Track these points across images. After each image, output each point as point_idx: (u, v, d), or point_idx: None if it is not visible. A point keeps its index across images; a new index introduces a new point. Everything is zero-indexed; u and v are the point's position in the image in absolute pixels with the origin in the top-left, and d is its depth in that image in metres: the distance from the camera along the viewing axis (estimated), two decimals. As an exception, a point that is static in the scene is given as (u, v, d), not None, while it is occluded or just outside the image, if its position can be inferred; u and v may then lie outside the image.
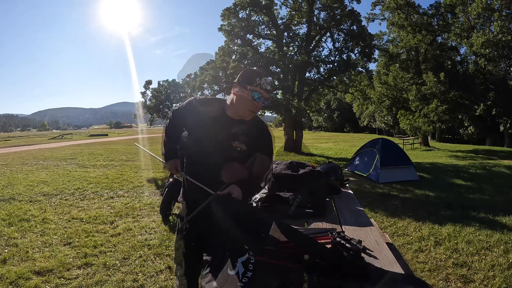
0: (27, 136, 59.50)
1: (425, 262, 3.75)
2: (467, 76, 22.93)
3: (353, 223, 2.18)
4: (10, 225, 4.83)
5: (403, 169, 9.05)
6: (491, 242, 4.29)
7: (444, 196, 7.23)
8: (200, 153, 1.88)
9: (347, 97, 25.66)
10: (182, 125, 2.03)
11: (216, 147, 1.80)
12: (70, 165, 11.73)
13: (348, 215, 2.39)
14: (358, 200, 3.02)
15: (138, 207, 5.85)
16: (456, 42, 23.74)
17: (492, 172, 11.01)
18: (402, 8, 22.35)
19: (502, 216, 5.49)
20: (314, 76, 17.26)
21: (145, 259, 3.69)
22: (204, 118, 1.82)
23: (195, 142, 1.89)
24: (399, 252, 3.51)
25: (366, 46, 16.26)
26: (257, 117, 1.92)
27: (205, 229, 1.81)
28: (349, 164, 10.78)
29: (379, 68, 25.18)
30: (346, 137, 40.95)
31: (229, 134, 1.79)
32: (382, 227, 5.01)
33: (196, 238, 2.03)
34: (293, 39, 17.30)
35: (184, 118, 1.95)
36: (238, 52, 15.35)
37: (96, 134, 53.16)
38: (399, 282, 1.24)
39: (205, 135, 1.82)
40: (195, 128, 1.89)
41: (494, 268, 3.52)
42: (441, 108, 20.15)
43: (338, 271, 1.29)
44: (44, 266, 3.41)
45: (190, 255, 2.08)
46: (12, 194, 6.91)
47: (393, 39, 24.89)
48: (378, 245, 1.75)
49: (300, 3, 16.62)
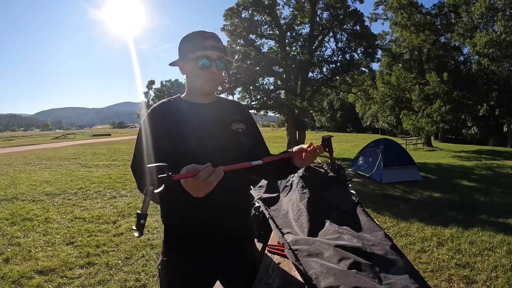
0: (30, 136, 59.74)
1: (427, 262, 3.74)
2: (470, 76, 22.84)
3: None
4: (13, 224, 4.85)
5: (406, 169, 9.03)
6: (494, 243, 4.27)
7: (447, 196, 7.20)
8: (202, 154, 1.27)
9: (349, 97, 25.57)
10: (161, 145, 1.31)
11: (218, 140, 1.35)
12: (73, 165, 11.77)
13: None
14: (362, 201, 3.01)
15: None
16: (459, 42, 23.67)
17: (497, 172, 10.96)
18: (405, 8, 22.28)
19: (505, 217, 5.47)
20: (317, 76, 17.25)
21: (148, 259, 3.69)
22: (184, 120, 1.35)
23: (192, 148, 1.32)
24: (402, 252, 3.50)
25: (369, 46, 16.22)
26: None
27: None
28: (352, 164, 10.76)
29: (382, 68, 25.13)
30: (348, 137, 40.90)
31: (220, 118, 1.41)
32: (385, 227, 4.99)
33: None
34: (296, 39, 17.28)
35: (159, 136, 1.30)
36: (241, 52, 15.35)
37: (99, 134, 53.31)
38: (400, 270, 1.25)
39: (198, 135, 1.33)
40: (181, 136, 1.31)
41: (497, 269, 3.51)
42: (444, 108, 20.07)
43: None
44: (46, 266, 3.42)
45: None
46: (15, 193, 6.94)
47: (396, 39, 24.83)
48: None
49: (303, 3, 16.60)
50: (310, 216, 1.75)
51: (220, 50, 1.34)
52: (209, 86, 1.36)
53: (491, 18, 20.99)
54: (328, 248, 1.36)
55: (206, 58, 1.31)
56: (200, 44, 1.31)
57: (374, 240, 1.46)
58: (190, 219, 1.32)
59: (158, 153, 1.26)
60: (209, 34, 1.34)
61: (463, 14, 22.13)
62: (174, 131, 1.30)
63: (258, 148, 1.52)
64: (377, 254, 1.32)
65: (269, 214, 1.94)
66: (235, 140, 1.41)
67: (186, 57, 1.34)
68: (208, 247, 1.36)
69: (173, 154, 1.26)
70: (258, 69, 15.46)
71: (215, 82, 1.37)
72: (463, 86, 20.82)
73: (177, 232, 1.38)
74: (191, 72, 1.36)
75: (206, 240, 1.35)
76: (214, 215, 1.31)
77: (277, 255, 1.60)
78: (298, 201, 1.92)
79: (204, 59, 1.30)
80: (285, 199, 2.13)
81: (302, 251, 1.39)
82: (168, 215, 1.38)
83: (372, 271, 1.21)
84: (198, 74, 1.34)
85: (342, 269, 1.20)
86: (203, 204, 1.13)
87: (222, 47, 1.37)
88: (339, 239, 1.46)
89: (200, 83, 1.36)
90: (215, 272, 1.43)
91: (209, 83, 1.35)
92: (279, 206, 2.09)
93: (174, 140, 1.29)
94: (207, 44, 1.31)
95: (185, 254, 1.36)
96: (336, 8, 16.01)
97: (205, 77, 1.33)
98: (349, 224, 1.66)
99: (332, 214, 1.80)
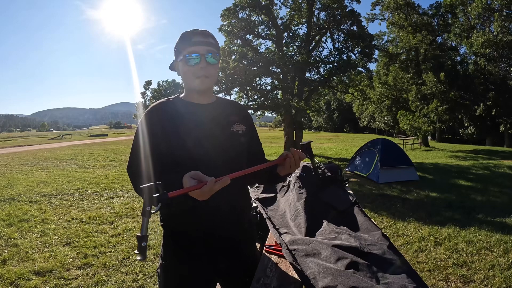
0: (27, 136, 59.50)
1: (425, 262, 3.75)
2: (467, 76, 22.93)
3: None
4: (10, 225, 4.83)
5: (403, 169, 9.05)
6: (491, 242, 4.29)
7: (444, 196, 7.22)
8: (200, 154, 1.29)
9: (347, 97, 25.65)
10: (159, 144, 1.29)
11: (215, 141, 1.33)
12: (70, 165, 11.73)
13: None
14: (359, 201, 3.01)
15: (138, 208, 5.85)
16: (456, 42, 23.77)
17: (494, 172, 11.01)
18: (402, 8, 22.35)
19: (502, 216, 5.49)
20: (314, 76, 17.25)
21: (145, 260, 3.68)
22: (181, 119, 1.32)
23: (189, 148, 1.29)
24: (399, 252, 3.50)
25: (366, 46, 16.25)
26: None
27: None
28: (349, 164, 10.78)
29: (379, 68, 25.19)
30: (346, 137, 40.98)
31: (218, 119, 1.38)
32: (382, 227, 5.00)
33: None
34: (293, 39, 17.29)
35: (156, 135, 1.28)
36: (238, 53, 15.34)
37: (96, 135, 53.15)
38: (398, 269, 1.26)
39: (195, 135, 1.30)
40: (178, 136, 1.28)
41: (494, 268, 3.52)
42: (441, 108, 20.15)
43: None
44: (44, 267, 3.41)
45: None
46: (12, 194, 6.91)
47: (393, 39, 24.89)
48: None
49: (300, 3, 16.61)
50: (308, 216, 1.76)
51: (209, 45, 1.31)
52: (199, 82, 1.32)
53: (487, 18, 21.08)
54: (326, 248, 1.36)
55: (194, 53, 1.28)
56: (188, 40, 1.30)
57: (371, 240, 1.47)
58: (190, 221, 1.31)
59: (154, 153, 1.25)
60: (197, 31, 1.32)
61: (460, 15, 22.23)
62: (170, 131, 1.28)
63: (254, 148, 1.52)
64: (375, 253, 1.33)
65: (267, 214, 1.94)
66: (235, 141, 1.39)
67: (178, 58, 1.34)
68: (208, 249, 1.35)
69: (170, 154, 1.25)
70: (255, 69, 15.46)
71: (206, 78, 1.33)
72: (460, 86, 20.92)
73: (176, 235, 1.37)
74: (182, 71, 1.34)
75: (206, 241, 1.34)
76: (214, 216, 1.30)
77: (275, 255, 1.60)
78: (296, 201, 1.93)
79: (192, 55, 1.28)
80: (283, 199, 2.13)
81: (300, 251, 1.39)
82: (168, 218, 1.37)
83: (369, 270, 1.21)
84: (188, 71, 1.32)
85: (339, 269, 1.20)
86: (203, 206, 1.12)
87: (213, 42, 1.34)
88: (337, 239, 1.46)
89: (191, 80, 1.33)
90: (215, 274, 1.42)
91: (199, 79, 1.32)
92: (276, 206, 2.09)
93: (170, 140, 1.27)
94: (194, 39, 1.29)
95: (185, 257, 1.35)
96: (333, 8, 16.03)
97: (195, 73, 1.31)
98: (347, 224, 1.66)
99: (329, 214, 1.81)
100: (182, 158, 1.26)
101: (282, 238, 1.56)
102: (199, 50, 1.29)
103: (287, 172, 1.38)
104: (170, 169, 1.23)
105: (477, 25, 21.64)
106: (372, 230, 1.59)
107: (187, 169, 1.11)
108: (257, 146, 1.55)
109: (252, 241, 1.59)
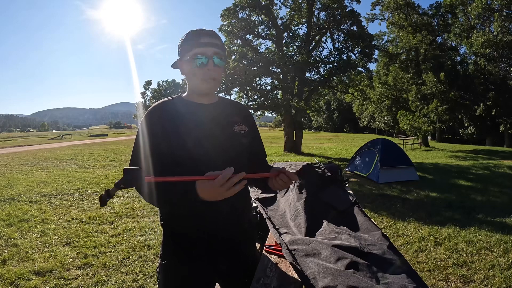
0: (27, 136, 59.50)
1: (425, 262, 3.75)
2: (467, 76, 22.94)
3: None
4: (9, 225, 4.83)
5: (403, 169, 9.04)
6: (491, 242, 4.29)
7: (444, 196, 7.22)
8: (200, 154, 1.27)
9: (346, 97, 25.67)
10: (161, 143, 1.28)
11: (216, 141, 1.31)
12: (69, 165, 11.73)
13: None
14: (359, 201, 3.01)
15: (138, 208, 5.85)
16: (456, 42, 23.79)
17: (494, 172, 11.00)
18: (402, 8, 22.36)
19: (502, 216, 5.49)
20: (314, 76, 17.28)
21: (145, 260, 3.69)
22: (181, 119, 1.31)
23: (189, 148, 1.27)
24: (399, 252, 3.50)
25: (366, 46, 16.27)
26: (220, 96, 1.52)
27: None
28: (349, 164, 10.78)
29: (379, 68, 25.21)
30: (346, 137, 40.98)
31: (220, 119, 1.37)
32: (382, 227, 5.00)
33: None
34: (293, 39, 17.32)
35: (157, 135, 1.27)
36: (238, 53, 15.36)
37: (96, 135, 53.11)
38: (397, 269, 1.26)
39: (195, 135, 1.29)
40: (178, 135, 1.27)
41: (494, 268, 3.52)
42: (441, 108, 20.15)
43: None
44: (44, 267, 3.41)
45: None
46: (11, 194, 6.91)
47: (393, 39, 24.90)
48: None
49: (300, 3, 16.63)
50: (308, 216, 1.75)
51: (216, 46, 1.30)
52: (206, 85, 1.32)
53: (487, 18, 21.10)
54: (326, 248, 1.36)
55: (201, 55, 1.27)
56: (195, 41, 1.28)
57: (371, 240, 1.46)
58: (190, 223, 1.31)
59: (154, 153, 1.24)
60: (205, 31, 1.30)
61: (460, 15, 22.24)
62: (170, 131, 1.27)
63: (256, 148, 1.52)
64: (375, 253, 1.32)
65: (266, 214, 1.94)
66: (235, 142, 1.38)
67: (183, 57, 1.32)
68: (208, 250, 1.35)
69: (170, 154, 1.25)
70: (255, 69, 15.47)
71: (212, 81, 1.32)
72: (460, 86, 20.92)
73: (176, 235, 1.37)
74: (188, 71, 1.33)
75: (206, 242, 1.34)
76: (214, 218, 1.30)
77: (275, 255, 1.60)
78: (296, 201, 1.93)
79: (199, 57, 1.27)
80: (282, 199, 2.13)
81: (300, 251, 1.39)
82: (168, 218, 1.37)
83: (369, 270, 1.21)
84: (195, 73, 1.30)
85: (339, 269, 1.20)
86: (203, 206, 1.12)
87: (219, 43, 1.32)
88: (337, 239, 1.46)
89: (197, 82, 1.32)
90: (215, 274, 1.42)
91: (206, 81, 1.31)
92: (276, 206, 2.09)
93: (170, 140, 1.26)
94: (202, 41, 1.27)
95: (185, 257, 1.35)
96: (333, 8, 16.05)
97: (202, 76, 1.30)
98: (346, 224, 1.66)
99: (329, 214, 1.80)
100: (182, 158, 1.26)
101: (282, 238, 1.56)
102: (207, 52, 1.28)
103: (276, 189, 1.39)
104: (170, 169, 1.23)
105: (477, 25, 21.66)
106: (372, 230, 1.58)
107: (187, 169, 1.11)
108: (259, 146, 1.55)
109: (252, 242, 1.60)
